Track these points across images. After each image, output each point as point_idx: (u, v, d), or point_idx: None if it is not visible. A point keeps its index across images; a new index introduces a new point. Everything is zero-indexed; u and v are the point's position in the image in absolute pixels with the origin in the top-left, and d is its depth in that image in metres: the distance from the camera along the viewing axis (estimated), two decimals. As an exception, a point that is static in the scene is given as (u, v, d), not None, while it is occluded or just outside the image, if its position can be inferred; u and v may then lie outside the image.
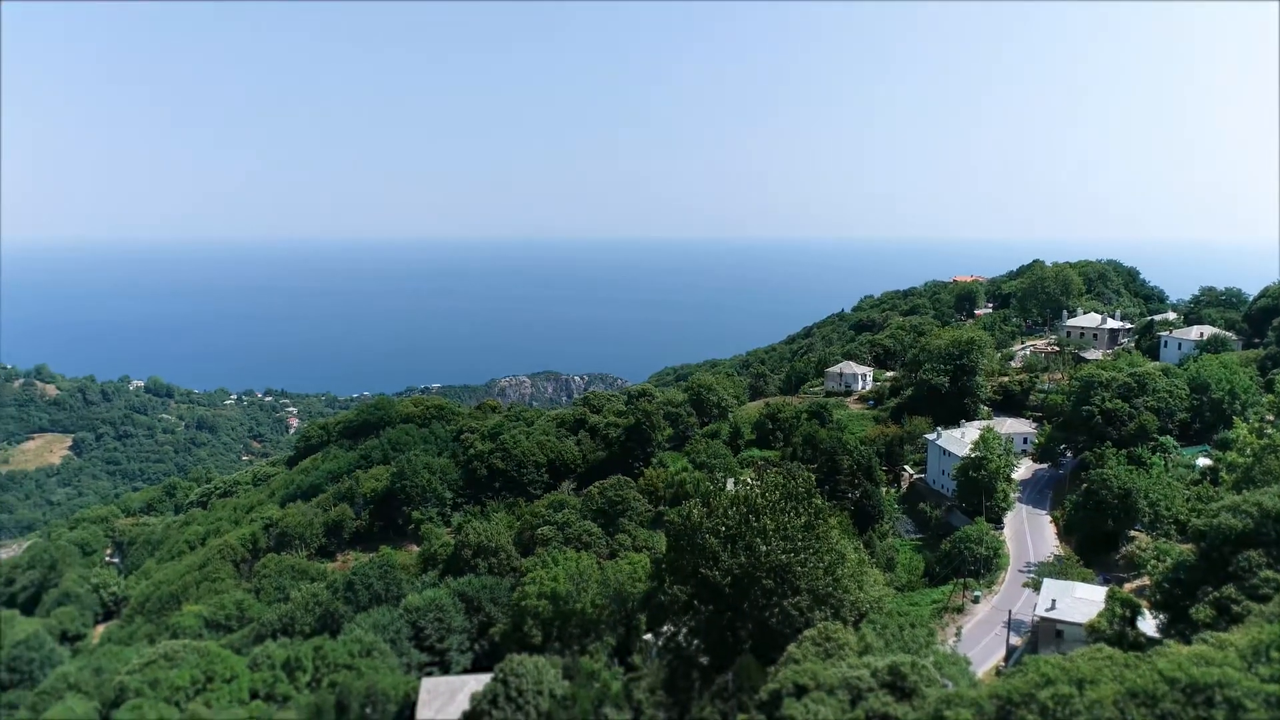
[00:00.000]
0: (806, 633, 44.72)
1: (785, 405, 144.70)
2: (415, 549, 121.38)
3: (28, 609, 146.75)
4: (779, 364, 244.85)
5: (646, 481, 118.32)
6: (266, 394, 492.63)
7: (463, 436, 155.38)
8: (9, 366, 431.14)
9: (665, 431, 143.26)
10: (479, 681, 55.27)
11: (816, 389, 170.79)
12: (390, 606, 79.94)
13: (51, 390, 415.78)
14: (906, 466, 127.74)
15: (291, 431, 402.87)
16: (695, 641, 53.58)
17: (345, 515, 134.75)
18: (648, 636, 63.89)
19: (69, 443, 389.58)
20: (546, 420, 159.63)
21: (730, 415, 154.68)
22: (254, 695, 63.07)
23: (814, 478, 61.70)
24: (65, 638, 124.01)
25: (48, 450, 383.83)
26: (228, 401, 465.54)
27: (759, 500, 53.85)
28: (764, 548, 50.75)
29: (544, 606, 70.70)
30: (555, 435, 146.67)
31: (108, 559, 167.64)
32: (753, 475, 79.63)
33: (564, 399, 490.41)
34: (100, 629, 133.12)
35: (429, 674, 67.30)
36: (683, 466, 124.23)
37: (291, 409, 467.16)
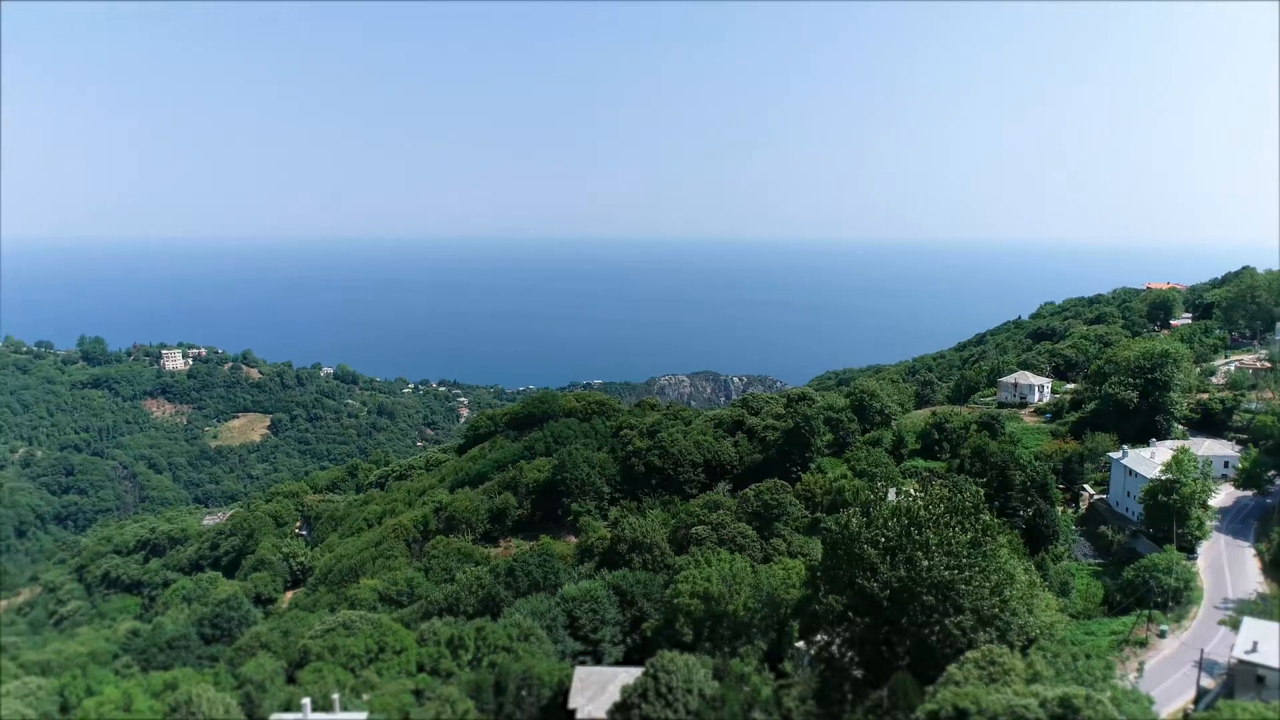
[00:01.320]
0: (969, 654, 42.67)
1: (953, 415, 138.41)
2: (573, 540, 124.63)
3: (229, 572, 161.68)
4: (948, 371, 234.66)
5: (804, 487, 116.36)
6: (440, 384, 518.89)
7: (622, 433, 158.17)
8: (221, 351, 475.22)
9: (825, 437, 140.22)
10: (630, 675, 56.06)
11: (988, 399, 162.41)
12: (548, 594, 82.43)
13: (255, 374, 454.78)
14: (1086, 486, 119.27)
15: (462, 421, 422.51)
16: (849, 653, 52.21)
17: (509, 503, 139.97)
18: (800, 644, 62.76)
19: (268, 422, 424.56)
20: (704, 420, 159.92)
21: (894, 423, 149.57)
22: (420, 668, 66.72)
23: (982, 492, 58.75)
24: (259, 600, 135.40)
25: (250, 429, 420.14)
26: (406, 390, 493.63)
27: (922, 513, 51.81)
28: (926, 562, 48.77)
29: (696, 605, 70.82)
30: (712, 435, 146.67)
31: (297, 531, 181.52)
32: (916, 486, 76.68)
33: (722, 399, 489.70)
34: (289, 595, 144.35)
35: (582, 663, 68.88)
36: (842, 473, 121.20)
37: (463, 399, 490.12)
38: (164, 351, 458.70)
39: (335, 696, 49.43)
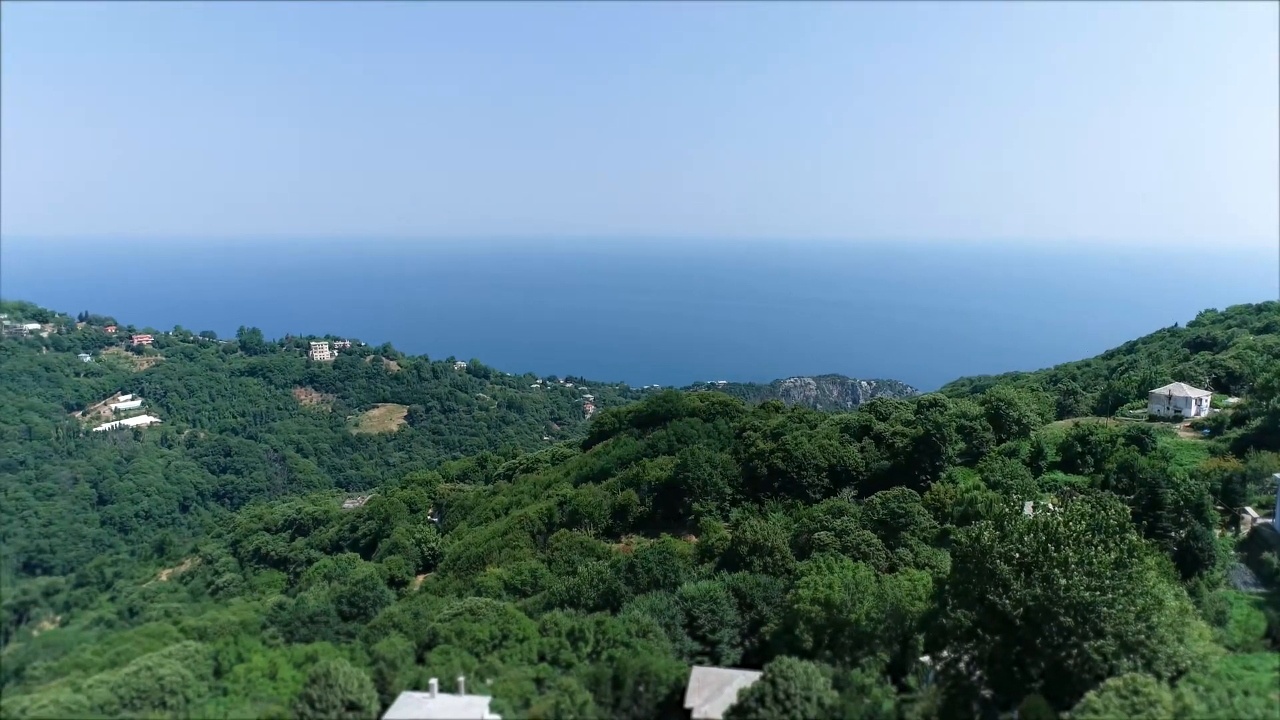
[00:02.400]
0: (1110, 681, 40.27)
1: (1098, 427, 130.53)
2: (694, 539, 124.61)
3: (366, 554, 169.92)
4: (1093, 381, 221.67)
5: (933, 496, 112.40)
6: (567, 380, 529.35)
7: (745, 434, 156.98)
8: (363, 344, 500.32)
9: (957, 445, 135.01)
10: (747, 678, 55.68)
11: (1138, 411, 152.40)
12: (667, 592, 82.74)
13: (394, 366, 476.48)
14: (1249, 509, 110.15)
15: (587, 417, 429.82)
16: (978, 671, 50.09)
17: (631, 500, 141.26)
18: (925, 659, 60.71)
19: (405, 413, 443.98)
20: (830, 424, 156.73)
21: (1032, 433, 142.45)
22: (541, 657, 68.28)
23: (1129, 511, 55.15)
24: (392, 582, 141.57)
25: (388, 418, 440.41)
26: (534, 385, 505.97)
27: (1061, 529, 49.14)
28: (1064, 581, 46.24)
29: (817, 612, 69.56)
30: (838, 440, 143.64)
31: (429, 518, 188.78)
32: (1055, 501, 72.87)
33: (849, 403, 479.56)
34: (420, 578, 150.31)
35: (699, 663, 68.85)
36: (974, 484, 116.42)
37: (589, 396, 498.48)
38: (312, 343, 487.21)
39: (461, 679, 51.19)
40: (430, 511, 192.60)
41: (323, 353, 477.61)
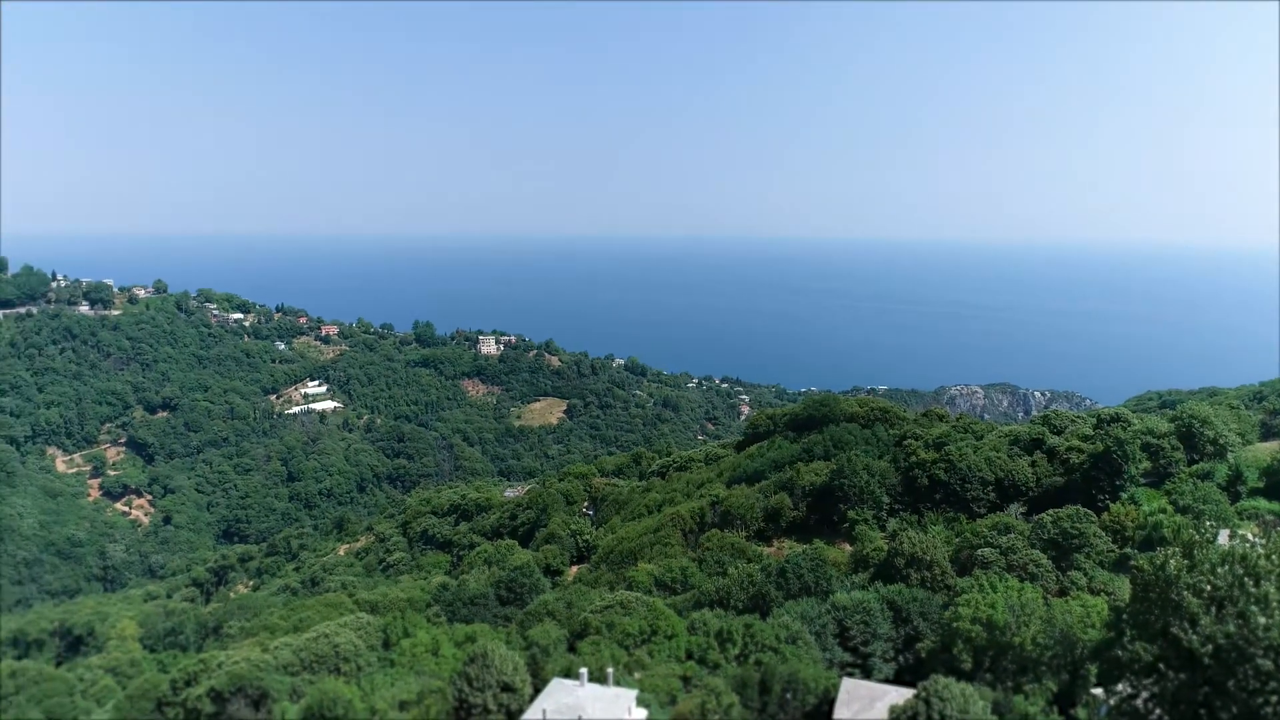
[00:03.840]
0: (1316, 735, 36.20)
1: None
2: (847, 548, 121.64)
3: (524, 542, 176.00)
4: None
5: (1111, 517, 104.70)
6: (723, 381, 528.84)
7: (905, 442, 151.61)
8: (527, 339, 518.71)
9: (1141, 465, 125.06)
10: (900, 694, 53.84)
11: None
12: (818, 600, 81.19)
13: (555, 361, 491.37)
14: None
15: (742, 418, 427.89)
16: (1157, 710, 46.20)
17: (783, 504, 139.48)
18: (1097, 691, 56.64)
19: (564, 407, 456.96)
20: (998, 435, 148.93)
21: (1230, 455, 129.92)
22: (689, 655, 68.57)
23: (1346, 546, 49.33)
24: (548, 571, 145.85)
25: (549, 412, 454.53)
26: (690, 384, 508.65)
27: (1262, 562, 44.55)
28: (1263, 620, 41.90)
29: (977, 632, 66.33)
30: (1007, 452, 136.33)
31: (584, 511, 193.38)
32: (1255, 530, 66.19)
33: (1020, 415, 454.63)
34: (574, 569, 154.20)
35: (849, 674, 67.18)
36: (1159, 507, 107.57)
37: (744, 396, 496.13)
38: (480, 337, 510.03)
39: (610, 670, 52.15)
40: (585, 504, 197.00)
41: (489, 347, 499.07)
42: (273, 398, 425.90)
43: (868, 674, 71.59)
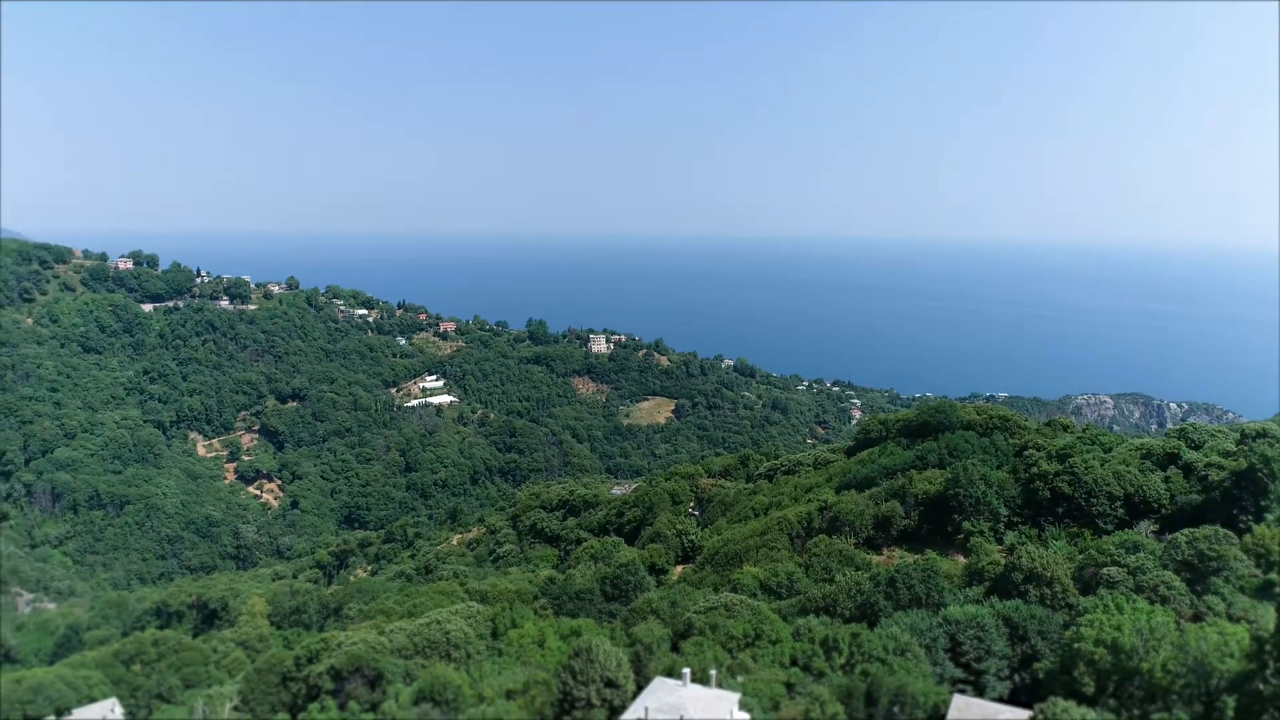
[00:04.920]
0: None
1: None
2: (961, 560, 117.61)
3: (629, 539, 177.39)
4: None
5: (1255, 540, 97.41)
6: (834, 384, 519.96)
7: (1026, 452, 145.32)
8: (637, 338, 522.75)
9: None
10: (1014, 715, 51.82)
11: None
12: (929, 612, 78.78)
13: (664, 361, 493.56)
14: None
15: (852, 422, 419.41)
16: (1304, 751, 42.93)
17: (895, 512, 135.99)
18: (1235, 726, 53.03)
19: (672, 407, 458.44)
20: (1128, 448, 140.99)
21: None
22: (793, 661, 67.69)
23: None
24: (653, 569, 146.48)
25: (657, 411, 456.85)
26: (800, 387, 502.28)
27: None
28: None
29: (1101, 655, 63.00)
30: (1137, 466, 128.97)
31: (690, 510, 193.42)
32: None
33: (1153, 427, 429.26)
34: (679, 569, 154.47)
35: (961, 691, 64.98)
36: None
37: (855, 400, 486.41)
38: (591, 336, 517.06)
39: (713, 672, 52.05)
40: (691, 505, 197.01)
41: (599, 345, 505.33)
42: (393, 391, 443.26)
43: (980, 692, 69.02)
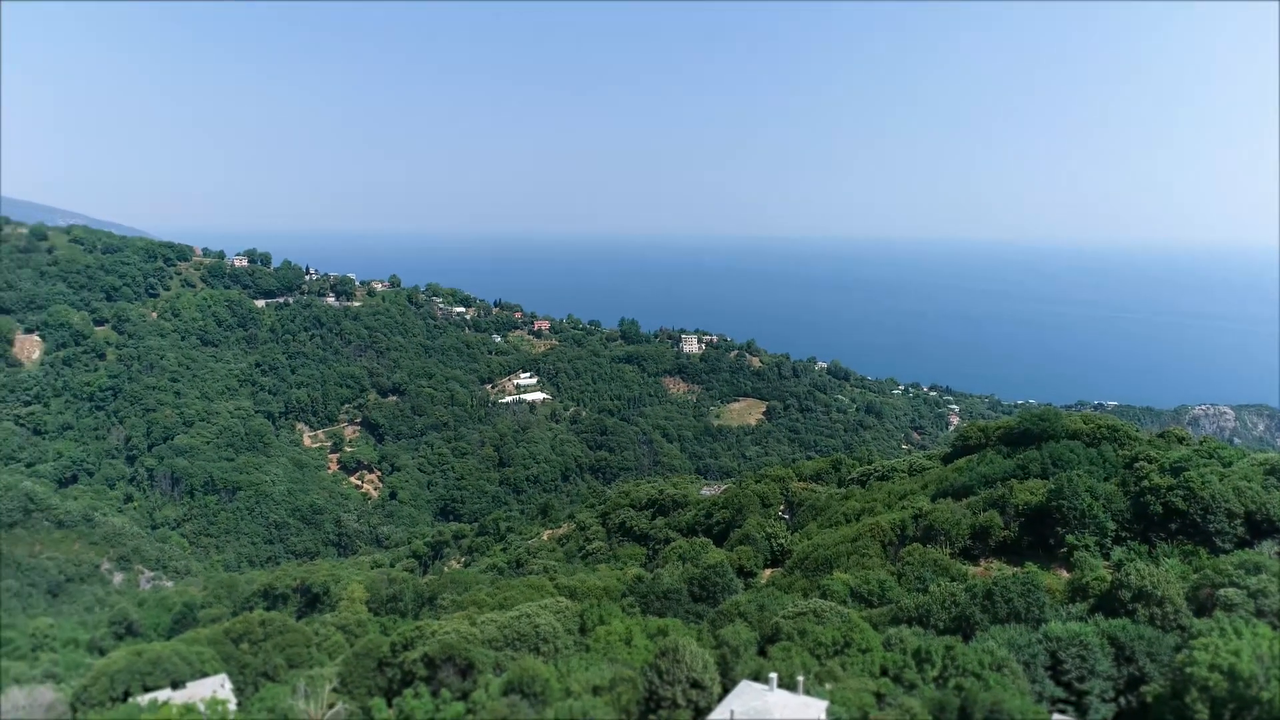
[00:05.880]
0: None
1: None
2: (1064, 574, 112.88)
3: (718, 541, 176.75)
4: None
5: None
6: (931, 389, 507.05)
7: (1137, 464, 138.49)
8: (729, 339, 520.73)
9: None
10: (1120, 740, 49.45)
11: None
12: (1029, 628, 75.94)
13: (756, 362, 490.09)
14: None
15: (950, 429, 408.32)
16: None
17: (993, 522, 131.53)
18: (1367, 764, 49.50)
19: (764, 408, 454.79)
20: (1251, 463, 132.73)
21: None
22: (884, 671, 66.25)
23: None
24: (741, 571, 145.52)
25: (748, 412, 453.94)
26: (895, 391, 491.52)
27: None
28: None
29: (1217, 681, 59.54)
30: (1260, 483, 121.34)
31: (780, 514, 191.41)
32: None
33: (1279, 441, 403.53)
34: (767, 572, 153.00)
35: (1061, 711, 62.51)
36: None
37: (953, 406, 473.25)
38: (683, 336, 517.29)
39: (800, 678, 51.43)
40: (782, 508, 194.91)
41: (691, 345, 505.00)
42: (488, 387, 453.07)
43: (1082, 713, 66.20)
